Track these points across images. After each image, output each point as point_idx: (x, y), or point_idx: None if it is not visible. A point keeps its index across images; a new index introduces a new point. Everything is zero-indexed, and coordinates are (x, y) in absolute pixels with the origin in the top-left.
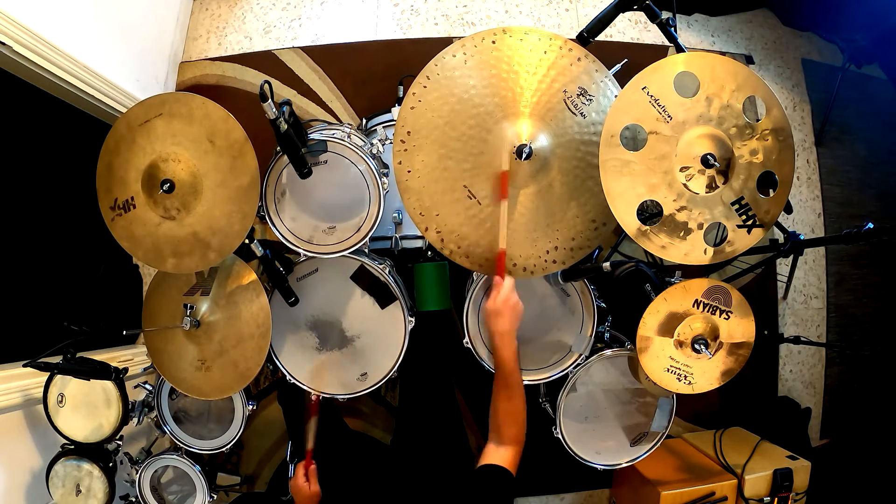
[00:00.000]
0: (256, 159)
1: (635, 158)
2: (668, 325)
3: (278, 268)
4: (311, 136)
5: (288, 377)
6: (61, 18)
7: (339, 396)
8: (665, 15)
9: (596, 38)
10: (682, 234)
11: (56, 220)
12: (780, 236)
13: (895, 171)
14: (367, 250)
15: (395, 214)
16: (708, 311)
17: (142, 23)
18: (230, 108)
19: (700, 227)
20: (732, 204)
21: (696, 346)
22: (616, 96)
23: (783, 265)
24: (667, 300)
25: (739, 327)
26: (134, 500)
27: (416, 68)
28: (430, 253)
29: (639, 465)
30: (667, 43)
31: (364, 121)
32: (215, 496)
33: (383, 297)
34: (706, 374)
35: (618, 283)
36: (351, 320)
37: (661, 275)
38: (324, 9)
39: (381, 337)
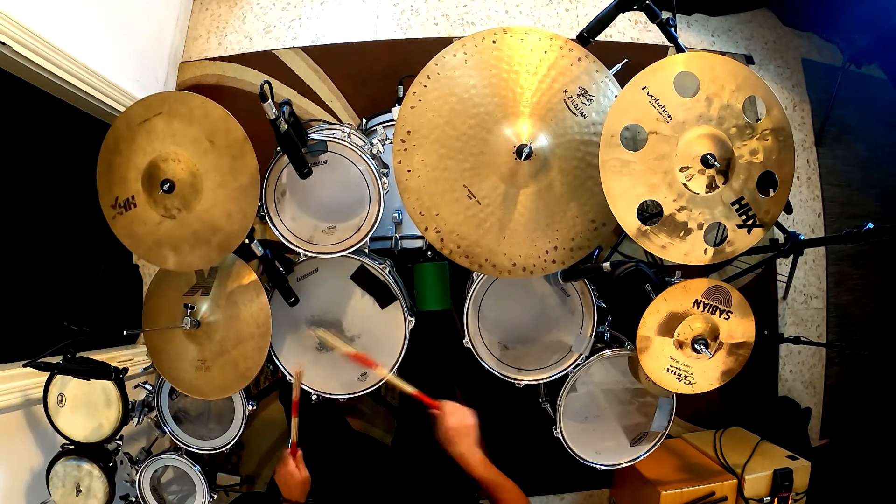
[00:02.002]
0: (256, 159)
1: (635, 158)
2: (668, 325)
3: (278, 268)
4: (311, 136)
5: (288, 377)
6: (61, 18)
7: (339, 396)
8: (665, 15)
9: (596, 38)
10: (682, 234)
11: (56, 220)
12: (780, 236)
13: (895, 171)
14: (367, 250)
15: (395, 214)
16: (708, 311)
17: (142, 23)
18: (230, 108)
19: (700, 227)
20: (732, 204)
21: (696, 346)
22: (616, 96)
23: (783, 265)
24: (667, 300)
25: (739, 327)
26: (134, 500)
27: (416, 68)
28: (430, 253)
29: (639, 465)
30: (667, 43)
31: (364, 121)
32: (215, 496)
33: (383, 297)
34: (706, 374)
35: (618, 283)
36: (351, 320)
37: (661, 275)
38: (324, 9)
39: (381, 337)
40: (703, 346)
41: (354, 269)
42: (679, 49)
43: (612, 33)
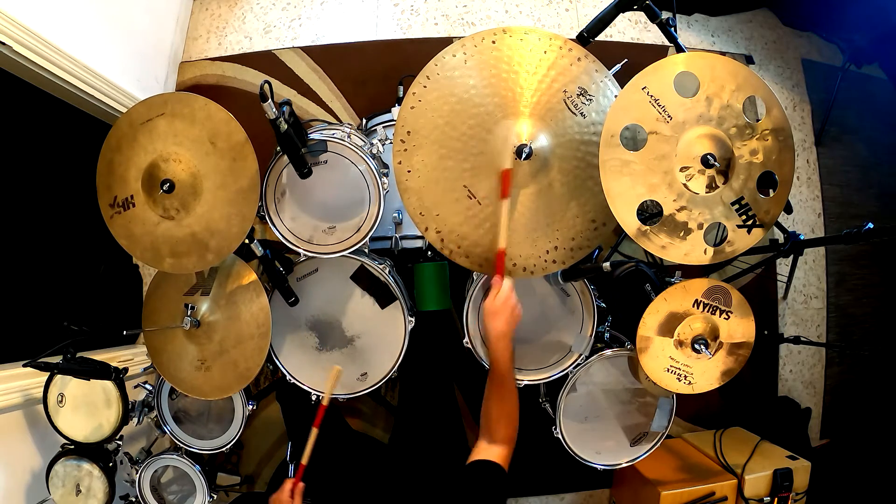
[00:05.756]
0: (257, 162)
1: (635, 158)
2: (668, 325)
3: (278, 268)
4: (311, 136)
5: (288, 377)
6: (61, 18)
7: (339, 396)
8: (665, 15)
9: (596, 38)
10: (682, 234)
11: (56, 220)
12: (780, 236)
13: (895, 171)
14: (367, 250)
15: (395, 214)
16: (708, 311)
17: (142, 23)
18: (230, 108)
19: (700, 227)
20: (732, 204)
21: (696, 346)
22: (616, 96)
23: (783, 265)
24: (667, 300)
25: (739, 327)
26: (134, 500)
27: (416, 68)
28: (430, 253)
29: (639, 465)
30: (667, 43)
31: (364, 121)
32: (215, 496)
33: (383, 297)
34: (706, 374)
35: (618, 283)
36: (351, 320)
37: (661, 275)
38: (324, 9)
39: (381, 337)
40: (703, 346)
41: (354, 270)
42: (679, 49)
43: (612, 33)
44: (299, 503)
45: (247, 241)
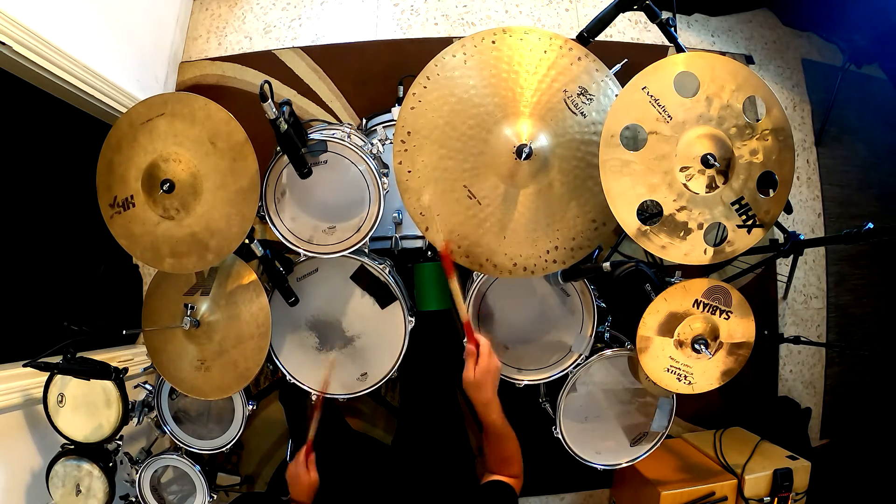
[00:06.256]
0: (257, 162)
1: (635, 158)
2: (668, 325)
3: (278, 268)
4: (311, 136)
5: (288, 377)
6: (61, 18)
7: (339, 396)
8: (665, 15)
9: (596, 38)
10: (682, 234)
11: (56, 220)
12: (780, 236)
13: (895, 171)
14: (367, 250)
15: (395, 214)
16: (708, 311)
17: (142, 23)
18: (230, 108)
19: (700, 227)
20: (732, 204)
21: (696, 346)
22: (616, 96)
23: (783, 265)
24: (667, 300)
25: (739, 327)
26: (134, 500)
27: (416, 68)
28: (430, 253)
29: (639, 465)
30: (667, 43)
31: (364, 121)
32: (215, 496)
33: (383, 297)
34: (706, 374)
35: (618, 283)
36: (351, 320)
37: (661, 275)
38: (324, 9)
39: (381, 337)
40: (703, 346)
41: (354, 270)
42: (679, 49)
43: (612, 33)
44: (314, 471)
45: (247, 241)
